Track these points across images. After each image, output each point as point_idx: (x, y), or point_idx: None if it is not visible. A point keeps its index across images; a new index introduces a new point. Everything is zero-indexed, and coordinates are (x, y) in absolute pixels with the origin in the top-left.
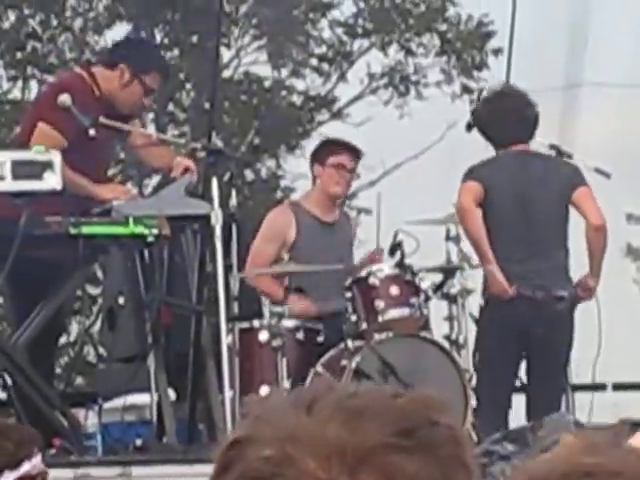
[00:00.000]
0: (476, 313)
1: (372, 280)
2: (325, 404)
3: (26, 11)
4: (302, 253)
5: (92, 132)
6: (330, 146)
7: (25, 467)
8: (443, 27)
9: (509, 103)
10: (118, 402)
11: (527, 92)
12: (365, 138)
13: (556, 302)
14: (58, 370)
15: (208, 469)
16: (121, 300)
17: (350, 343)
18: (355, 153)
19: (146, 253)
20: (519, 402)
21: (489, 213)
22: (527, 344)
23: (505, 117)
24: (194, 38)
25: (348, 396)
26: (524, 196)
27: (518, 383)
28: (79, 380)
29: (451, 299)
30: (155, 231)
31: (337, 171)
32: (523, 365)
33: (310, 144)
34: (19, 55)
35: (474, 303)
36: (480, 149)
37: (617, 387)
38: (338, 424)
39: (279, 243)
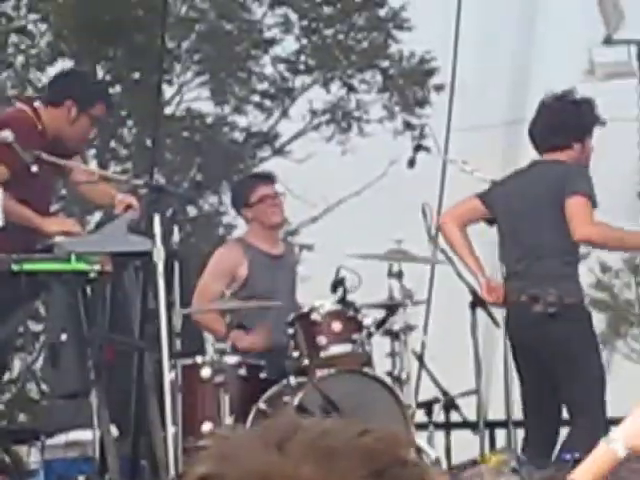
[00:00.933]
0: (418, 349)
1: (314, 316)
2: (296, 443)
3: None
4: (255, 289)
5: (34, 168)
6: (244, 186)
7: None
8: (385, 63)
9: (545, 110)
10: (61, 439)
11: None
12: (307, 174)
13: (535, 304)
14: (0, 407)
15: None
16: (63, 337)
17: (292, 379)
18: (268, 179)
19: (88, 290)
20: None
21: (497, 225)
22: (525, 355)
23: (536, 124)
24: (136, 75)
25: (318, 435)
26: (514, 205)
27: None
28: (22, 417)
29: (393, 335)
30: (97, 267)
31: (265, 203)
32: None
33: None
34: None
35: (416, 339)
36: (422, 185)
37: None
38: (311, 465)
39: (227, 280)
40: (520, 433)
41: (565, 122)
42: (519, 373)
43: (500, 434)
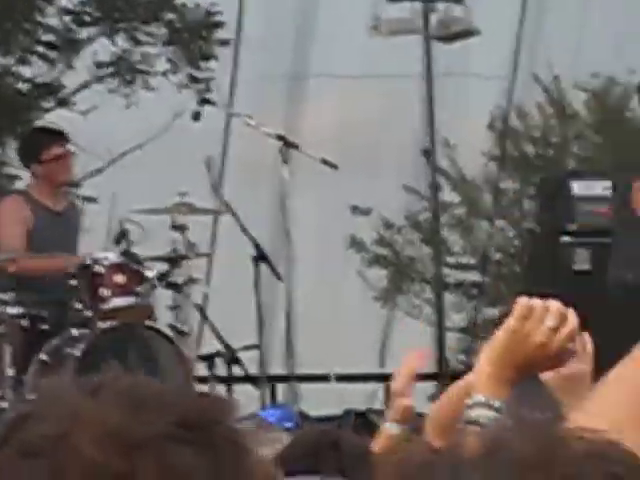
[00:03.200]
0: (201, 302)
1: (97, 268)
2: (111, 390)
3: None
4: (36, 243)
5: None
6: (37, 142)
7: None
8: (170, 16)
9: None
10: None
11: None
12: (91, 127)
13: None
14: None
15: None
16: None
17: (74, 331)
18: (62, 137)
19: None
20: None
21: None
22: None
23: None
24: None
25: (135, 385)
26: None
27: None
28: None
29: (176, 288)
30: None
31: (58, 163)
32: None
33: None
34: None
35: (199, 292)
36: (207, 138)
37: (340, 378)
38: (120, 409)
39: (25, 227)
40: (302, 387)
41: None
42: None
43: (281, 388)
